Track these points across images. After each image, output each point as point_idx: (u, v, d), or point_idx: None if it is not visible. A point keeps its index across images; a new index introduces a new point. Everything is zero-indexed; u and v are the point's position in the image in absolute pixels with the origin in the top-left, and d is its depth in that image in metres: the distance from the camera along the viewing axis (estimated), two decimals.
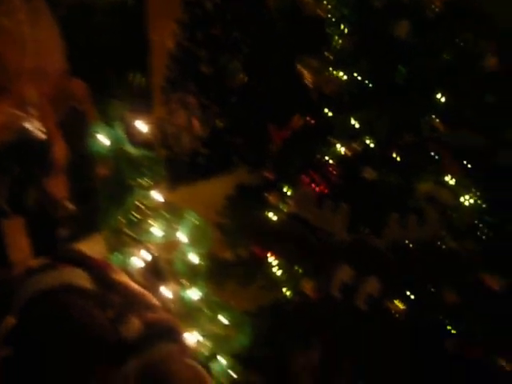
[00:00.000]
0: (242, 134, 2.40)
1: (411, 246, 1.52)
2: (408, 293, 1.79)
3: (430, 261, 1.46)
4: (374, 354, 1.73)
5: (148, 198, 2.16)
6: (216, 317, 2.01)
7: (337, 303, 1.51)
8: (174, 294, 1.99)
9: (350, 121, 2.00)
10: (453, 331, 1.87)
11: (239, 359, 1.95)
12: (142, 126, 2.26)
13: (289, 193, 2.06)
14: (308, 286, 1.99)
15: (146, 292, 1.54)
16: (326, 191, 1.78)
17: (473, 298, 1.80)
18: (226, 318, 2.02)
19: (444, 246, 1.73)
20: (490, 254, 1.86)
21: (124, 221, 2.11)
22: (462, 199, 1.82)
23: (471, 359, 1.93)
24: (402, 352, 1.67)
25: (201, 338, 1.96)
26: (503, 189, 1.85)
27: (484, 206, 1.89)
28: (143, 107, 2.30)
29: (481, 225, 1.91)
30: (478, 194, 1.97)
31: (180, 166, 2.56)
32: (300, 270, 2.06)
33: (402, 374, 1.77)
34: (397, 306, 1.79)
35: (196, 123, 2.63)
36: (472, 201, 1.93)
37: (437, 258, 1.49)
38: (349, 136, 1.96)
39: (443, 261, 1.49)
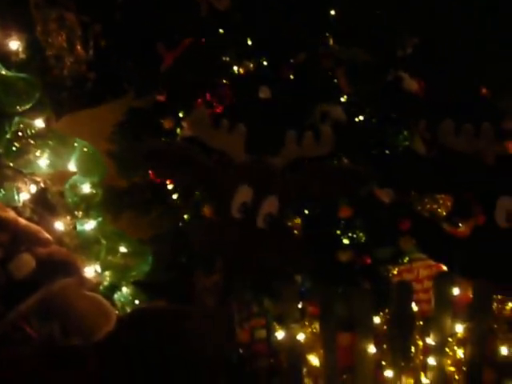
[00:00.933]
0: (130, 56, 2.23)
1: (307, 163, 1.56)
2: (305, 210, 1.87)
3: (325, 177, 1.51)
4: (272, 270, 1.81)
5: (30, 126, 1.99)
6: (114, 247, 1.97)
7: (238, 224, 1.53)
8: (68, 226, 1.90)
9: (245, 40, 1.94)
10: (346, 242, 2.01)
11: (142, 286, 1.95)
12: (14, 45, 2.03)
13: (183, 116, 2.00)
14: (207, 210, 2.00)
15: (36, 227, 1.46)
16: (222, 112, 1.74)
17: (365, 211, 1.92)
18: (125, 248, 1.98)
19: (338, 163, 1.81)
20: (381, 169, 1.96)
21: (4, 152, 1.94)
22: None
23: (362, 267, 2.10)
24: (300, 266, 1.77)
25: (100, 270, 1.91)
26: (393, 106, 1.94)
27: (374, 121, 1.99)
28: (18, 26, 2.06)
29: (370, 141, 2.01)
30: (369, 111, 2.06)
31: (64, 92, 2.34)
32: (199, 195, 2.06)
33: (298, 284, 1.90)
34: (295, 222, 1.88)
35: (77, 43, 2.39)
36: (362, 118, 2.03)
37: (332, 175, 1.55)
38: (242, 55, 1.90)
39: (338, 177, 1.55)
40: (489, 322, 1.76)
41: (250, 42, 1.90)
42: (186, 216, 2.04)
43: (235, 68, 1.92)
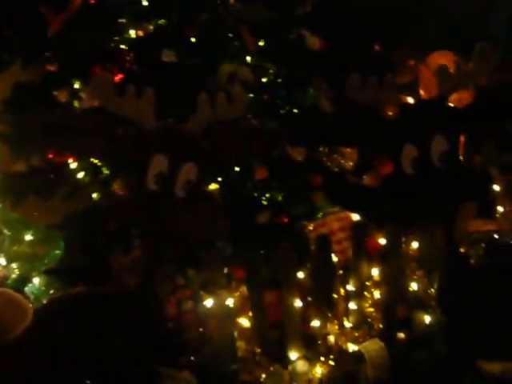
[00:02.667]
0: (9, 21, 1.99)
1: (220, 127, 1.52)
2: (221, 175, 1.84)
3: (239, 139, 1.49)
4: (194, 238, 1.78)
5: None
6: (19, 236, 1.81)
7: (155, 196, 1.46)
8: None
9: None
10: (264, 203, 2.03)
11: (56, 274, 1.82)
12: None
13: (80, 86, 1.85)
14: (118, 186, 1.90)
15: None
16: (124, 78, 1.63)
17: (279, 171, 1.94)
18: (32, 235, 1.82)
19: (249, 125, 1.79)
20: (292, 128, 1.98)
21: None
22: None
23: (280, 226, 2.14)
24: (222, 231, 1.75)
25: (5, 262, 1.75)
26: (296, 64, 1.96)
27: (280, 81, 1.99)
28: None
29: (278, 101, 2.02)
30: (274, 71, 2.06)
31: None
32: (107, 170, 1.94)
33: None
34: (213, 188, 1.84)
35: None
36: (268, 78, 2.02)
37: (244, 136, 1.53)
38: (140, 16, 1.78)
39: (250, 138, 1.54)
40: (400, 262, 1.89)
41: (145, 3, 1.78)
42: (95, 195, 1.92)
43: (133, 31, 1.79)
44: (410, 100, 2.13)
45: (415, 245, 1.96)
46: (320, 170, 2.15)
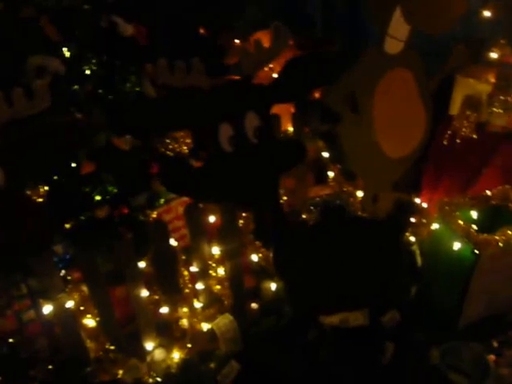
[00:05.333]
0: None
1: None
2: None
3: (46, 136, 1.42)
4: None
5: None
6: None
7: None
8: None
9: None
10: (97, 198, 1.96)
11: None
12: None
13: None
14: None
15: None
16: None
17: (107, 162, 1.89)
18: None
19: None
20: (115, 118, 1.93)
21: None
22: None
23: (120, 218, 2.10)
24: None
25: None
26: (110, 52, 1.90)
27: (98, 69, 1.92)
28: None
29: (100, 91, 1.95)
30: (95, 61, 1.97)
31: None
32: None
33: None
34: (40, 191, 1.73)
35: None
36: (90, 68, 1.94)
37: (49, 132, 1.45)
38: None
39: (56, 133, 1.46)
40: (237, 238, 1.97)
41: None
42: None
43: None
44: None
45: None
46: (154, 157, 2.14)
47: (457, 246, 1.84)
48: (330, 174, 2.57)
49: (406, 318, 2.09)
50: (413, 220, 2.47)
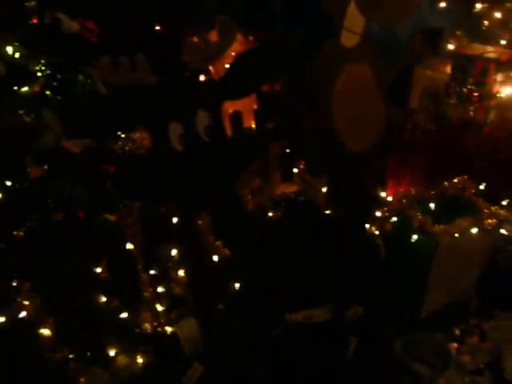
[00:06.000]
0: None
1: None
2: None
3: None
4: None
5: None
6: None
7: None
8: None
9: None
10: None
11: None
12: None
13: None
14: None
15: None
16: None
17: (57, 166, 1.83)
18: None
19: None
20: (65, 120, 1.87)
21: None
22: None
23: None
24: None
25: None
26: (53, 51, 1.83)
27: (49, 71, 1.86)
28: None
29: (48, 92, 1.89)
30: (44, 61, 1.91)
31: None
32: None
33: None
34: None
35: None
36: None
37: None
38: None
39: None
40: (197, 239, 1.94)
41: None
42: None
43: None
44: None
45: None
46: (110, 159, 2.09)
47: (415, 237, 1.84)
48: (295, 170, 2.55)
49: (371, 311, 2.09)
50: (378, 214, 2.47)
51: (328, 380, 1.84)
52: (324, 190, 2.40)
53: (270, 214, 2.42)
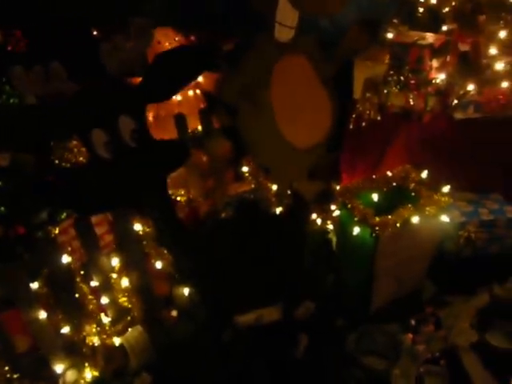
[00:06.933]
0: None
1: None
2: None
3: None
4: None
5: None
6: None
7: None
8: None
9: None
10: None
11: None
12: None
13: None
14: None
15: None
16: None
17: None
18: None
19: None
20: None
21: None
22: None
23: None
24: None
25: None
26: None
27: None
28: None
29: None
30: None
31: None
32: None
33: None
34: None
35: None
36: None
37: None
38: None
39: None
40: (137, 246, 1.89)
41: None
42: None
43: None
44: None
45: None
46: (49, 170, 2.02)
47: (357, 230, 1.82)
48: (245, 169, 2.52)
49: (324, 306, 2.07)
50: (333, 208, 2.45)
51: (279, 381, 1.82)
52: (274, 188, 2.38)
53: (223, 215, 2.39)
